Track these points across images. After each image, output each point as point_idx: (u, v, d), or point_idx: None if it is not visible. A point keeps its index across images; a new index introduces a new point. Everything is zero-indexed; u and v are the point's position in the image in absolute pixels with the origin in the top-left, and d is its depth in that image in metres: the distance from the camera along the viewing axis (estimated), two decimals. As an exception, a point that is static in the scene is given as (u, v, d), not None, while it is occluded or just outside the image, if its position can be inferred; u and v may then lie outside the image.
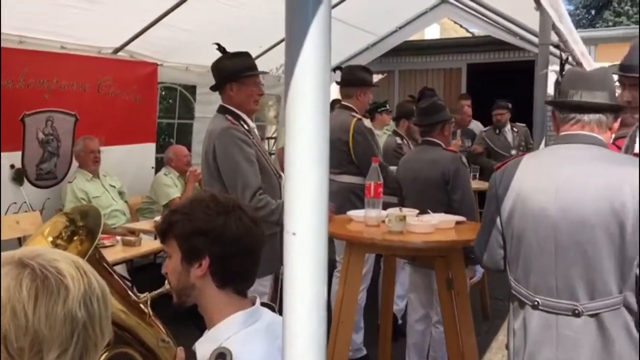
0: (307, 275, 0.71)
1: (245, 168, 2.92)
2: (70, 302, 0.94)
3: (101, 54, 4.98)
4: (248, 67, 3.06)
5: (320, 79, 0.69)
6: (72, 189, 4.54)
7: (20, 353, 0.91)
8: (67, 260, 0.99)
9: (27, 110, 4.47)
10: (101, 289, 1.01)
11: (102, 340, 1.00)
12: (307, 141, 0.70)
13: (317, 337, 0.71)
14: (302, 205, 0.71)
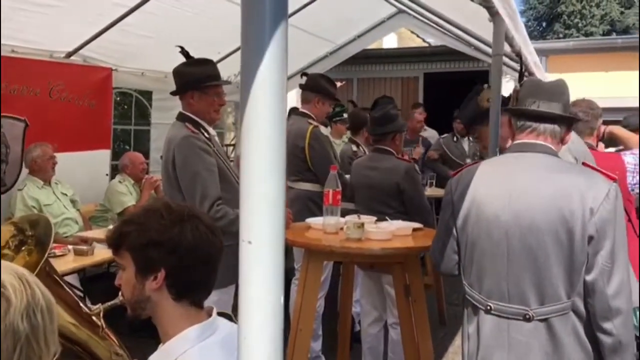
0: (263, 284, 0.70)
1: (204, 178, 2.87)
2: (12, 315, 0.91)
3: (53, 57, 4.85)
4: (211, 76, 3.02)
5: (276, 87, 0.69)
6: (22, 196, 4.39)
7: None
8: (9, 271, 0.95)
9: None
10: (46, 300, 0.98)
11: (47, 354, 0.97)
12: (262, 150, 0.69)
13: (274, 346, 0.71)
14: (258, 213, 0.70)
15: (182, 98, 3.08)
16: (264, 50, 0.68)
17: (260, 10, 0.68)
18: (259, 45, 0.68)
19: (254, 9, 0.68)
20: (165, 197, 3.16)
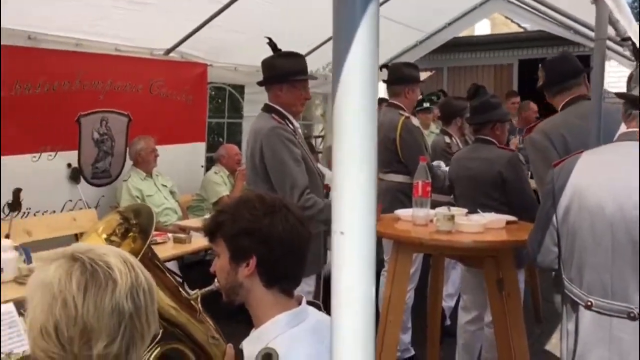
0: (355, 274, 0.70)
1: (292, 168, 2.93)
2: (118, 295, 0.98)
3: (153, 55, 5.11)
4: (300, 71, 3.07)
5: (367, 77, 0.69)
6: (128, 187, 4.66)
7: (70, 342, 0.95)
8: (116, 254, 1.03)
9: (82, 111, 4.62)
10: (148, 282, 1.04)
11: (149, 332, 1.03)
12: (354, 140, 0.69)
13: (365, 336, 0.71)
14: (350, 204, 0.70)
15: (269, 89, 3.14)
16: (356, 39, 0.68)
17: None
18: (351, 35, 0.68)
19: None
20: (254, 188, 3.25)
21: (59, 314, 0.95)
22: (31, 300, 0.98)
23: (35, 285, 0.99)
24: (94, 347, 0.96)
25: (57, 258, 1.01)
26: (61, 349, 0.96)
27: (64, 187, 4.57)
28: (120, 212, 1.45)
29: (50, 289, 0.96)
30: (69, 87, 4.44)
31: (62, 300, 0.96)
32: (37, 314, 0.97)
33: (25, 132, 4.20)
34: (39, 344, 0.96)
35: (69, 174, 4.60)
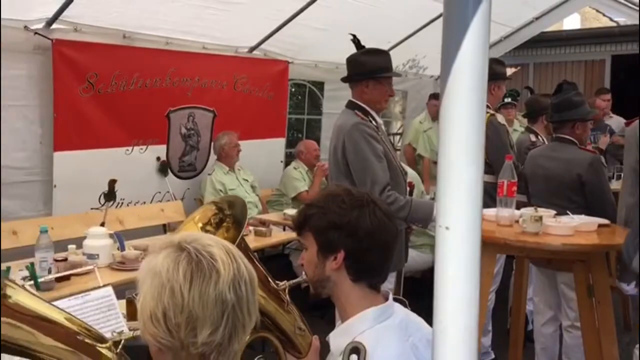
0: (460, 269, 0.70)
1: (374, 164, 2.93)
2: (221, 285, 1.02)
3: (238, 53, 5.25)
4: (386, 68, 3.06)
5: (477, 72, 0.68)
6: (212, 180, 4.82)
7: (177, 329, 1.00)
8: (220, 246, 1.06)
9: (171, 107, 4.82)
10: (249, 274, 1.07)
11: (250, 322, 1.07)
12: (463, 135, 0.69)
13: (469, 331, 0.71)
14: (457, 198, 0.70)
15: (354, 86, 3.15)
16: (467, 36, 0.67)
17: None
18: (462, 32, 0.68)
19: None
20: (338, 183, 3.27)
21: (167, 302, 1.00)
22: (142, 286, 1.04)
23: (146, 272, 1.04)
24: (198, 334, 1.00)
25: (166, 247, 1.05)
26: (169, 335, 1.00)
27: (153, 179, 4.79)
28: (216, 202, 1.50)
29: (160, 277, 1.01)
30: (160, 84, 4.65)
31: (170, 289, 1.00)
32: (147, 300, 1.02)
33: (120, 126, 4.44)
34: (149, 328, 1.02)
35: (158, 167, 4.82)
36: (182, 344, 1.01)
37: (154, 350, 1.04)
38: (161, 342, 1.01)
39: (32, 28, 3.83)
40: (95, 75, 4.20)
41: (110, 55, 4.28)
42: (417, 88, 7.32)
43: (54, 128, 4.03)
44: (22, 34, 3.81)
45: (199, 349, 1.01)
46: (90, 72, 4.16)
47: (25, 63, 3.90)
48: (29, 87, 3.95)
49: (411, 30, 5.98)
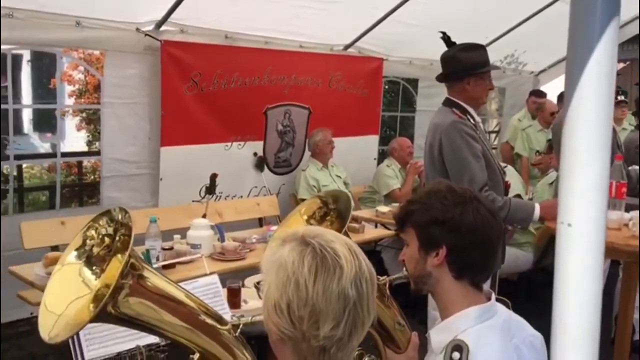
0: (582, 266, 0.70)
1: (472, 163, 2.88)
2: (344, 281, 1.04)
3: (333, 51, 5.32)
4: (485, 62, 3.01)
5: (606, 69, 0.67)
6: (305, 176, 4.93)
7: (300, 321, 1.03)
8: (342, 242, 1.09)
9: (269, 104, 4.97)
10: (369, 271, 1.09)
11: (368, 320, 1.09)
12: (589, 132, 0.68)
13: (590, 329, 0.70)
14: (580, 196, 0.69)
15: (452, 84, 3.09)
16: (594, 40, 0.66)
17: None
18: (591, 28, 0.67)
19: None
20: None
21: (291, 294, 1.03)
22: (266, 276, 1.09)
23: (271, 263, 1.08)
24: (320, 328, 1.03)
25: (290, 240, 1.09)
26: (291, 326, 1.04)
27: (250, 174, 4.97)
28: (320, 196, 1.55)
29: (285, 269, 1.05)
30: (258, 82, 4.80)
31: (295, 282, 1.03)
32: (271, 290, 1.06)
33: (221, 123, 4.64)
34: (273, 318, 1.06)
35: (255, 162, 4.98)
36: (303, 336, 1.04)
37: (275, 338, 1.08)
38: (283, 332, 1.05)
39: (143, 30, 4.08)
40: (199, 74, 4.41)
41: (212, 55, 4.48)
42: (515, 85, 7.09)
43: (161, 124, 4.28)
44: (134, 35, 4.07)
45: (320, 342, 1.04)
46: (194, 71, 4.37)
47: (137, 63, 4.17)
48: (140, 86, 4.22)
49: (511, 24, 5.80)
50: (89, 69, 4.65)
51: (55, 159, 4.45)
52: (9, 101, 4.01)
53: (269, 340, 1.12)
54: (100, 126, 4.26)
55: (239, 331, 1.30)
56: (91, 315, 1.16)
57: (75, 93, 5.80)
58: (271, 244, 1.21)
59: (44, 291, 1.20)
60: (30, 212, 4.77)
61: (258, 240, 3.72)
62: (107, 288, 1.17)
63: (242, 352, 1.30)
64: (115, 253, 1.24)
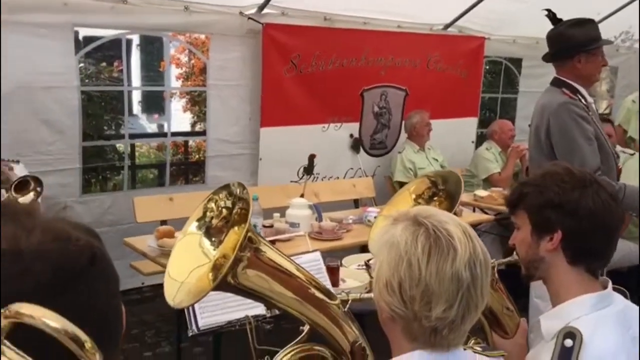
0: None
1: (583, 146, 2.74)
2: (458, 263, 1.03)
3: (432, 30, 5.20)
4: (597, 37, 2.84)
5: None
6: (402, 158, 4.88)
7: (411, 300, 1.04)
8: (456, 224, 1.08)
9: (365, 86, 4.96)
10: (483, 254, 1.08)
11: (481, 304, 1.07)
12: None
13: None
14: None
15: (561, 63, 2.94)
16: None
17: None
18: None
19: None
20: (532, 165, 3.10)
21: (403, 274, 1.04)
22: (378, 255, 1.10)
23: (383, 243, 1.10)
24: (433, 309, 1.03)
25: (402, 220, 1.10)
26: (403, 305, 1.05)
27: (346, 156, 5.00)
28: (429, 176, 1.54)
29: (397, 249, 1.06)
30: (356, 63, 4.80)
31: (407, 261, 1.04)
32: (383, 269, 1.08)
33: (319, 104, 4.69)
34: (384, 296, 1.07)
35: (351, 144, 5.01)
36: (415, 316, 1.04)
37: (385, 317, 1.10)
38: (394, 311, 1.06)
39: (246, 14, 4.19)
40: (298, 56, 4.47)
41: (311, 36, 4.53)
42: (629, 63, 6.62)
43: (261, 106, 4.39)
44: (238, 19, 4.19)
45: (431, 323, 1.04)
46: (293, 53, 4.44)
47: (240, 46, 4.30)
48: (242, 68, 4.36)
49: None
50: (196, 53, 4.83)
51: (165, 138, 4.69)
52: (123, 84, 4.28)
53: (379, 318, 1.13)
54: (206, 107, 4.45)
55: (347, 306, 1.32)
56: (212, 284, 1.22)
57: (182, 76, 6.07)
58: (379, 222, 1.22)
59: (169, 259, 1.27)
60: (141, 189, 5.07)
61: (355, 221, 3.74)
62: (225, 258, 1.23)
63: (350, 326, 1.32)
64: (232, 225, 1.29)
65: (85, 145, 3.94)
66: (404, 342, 1.09)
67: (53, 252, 0.70)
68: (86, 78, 4.52)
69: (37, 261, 0.68)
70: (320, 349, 1.28)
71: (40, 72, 3.58)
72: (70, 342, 0.60)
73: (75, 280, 0.70)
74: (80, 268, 0.71)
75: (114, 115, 4.77)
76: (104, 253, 0.76)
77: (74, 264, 0.71)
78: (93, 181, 4.79)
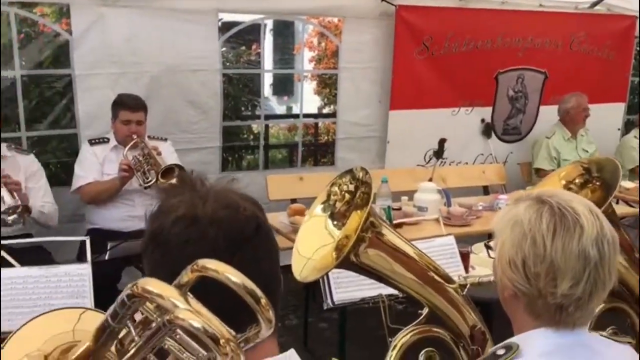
0: None
1: None
2: (584, 240, 1.02)
3: (577, 9, 4.87)
4: None
5: None
6: (547, 145, 4.58)
7: (536, 277, 1.04)
8: (582, 202, 1.07)
9: (500, 69, 4.77)
10: (612, 234, 1.06)
11: (609, 282, 1.06)
12: None
13: None
14: None
15: None
16: None
17: None
18: None
19: None
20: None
21: (527, 250, 1.05)
22: (500, 234, 1.11)
23: (506, 221, 1.11)
24: (558, 286, 1.03)
25: (524, 200, 1.11)
26: (526, 282, 1.06)
27: (476, 141, 4.86)
28: (582, 162, 1.50)
29: (521, 226, 1.06)
30: (491, 45, 4.63)
31: (532, 238, 1.05)
32: (506, 247, 1.09)
33: (449, 88, 4.60)
34: (507, 273, 1.08)
35: (482, 129, 4.86)
36: (539, 293, 1.05)
37: (507, 294, 1.11)
38: (518, 288, 1.07)
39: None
40: (430, 38, 4.41)
41: (445, 18, 4.44)
42: None
43: (391, 88, 4.40)
44: (371, 1, 4.22)
45: (557, 300, 1.04)
46: (426, 35, 4.39)
47: (372, 28, 4.33)
48: (374, 51, 4.38)
49: None
50: (329, 36, 4.94)
51: (297, 119, 4.86)
52: (260, 66, 4.49)
53: (501, 298, 1.14)
54: (336, 90, 4.54)
55: (465, 290, 1.33)
56: (335, 261, 1.28)
57: (314, 59, 6.22)
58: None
59: (296, 238, 1.36)
60: (273, 168, 5.30)
61: (485, 208, 3.65)
62: (348, 239, 1.29)
63: (469, 311, 1.33)
64: (355, 208, 1.34)
65: (225, 125, 4.20)
66: (527, 320, 1.09)
67: (224, 220, 0.79)
68: (227, 61, 4.79)
69: (212, 227, 0.78)
70: (439, 331, 1.30)
71: (187, 55, 3.86)
72: (248, 296, 0.66)
73: (242, 245, 0.79)
74: (247, 235, 0.80)
75: (250, 97, 5.01)
76: (266, 223, 0.85)
77: (242, 231, 0.80)
78: (230, 159, 5.08)
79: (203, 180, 0.85)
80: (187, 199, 0.80)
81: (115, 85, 3.65)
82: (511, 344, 1.05)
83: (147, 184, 3.21)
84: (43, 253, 3.03)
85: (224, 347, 0.61)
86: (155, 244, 0.80)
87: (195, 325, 0.61)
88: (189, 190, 0.82)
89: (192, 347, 0.65)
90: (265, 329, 0.68)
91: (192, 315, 0.62)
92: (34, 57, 3.78)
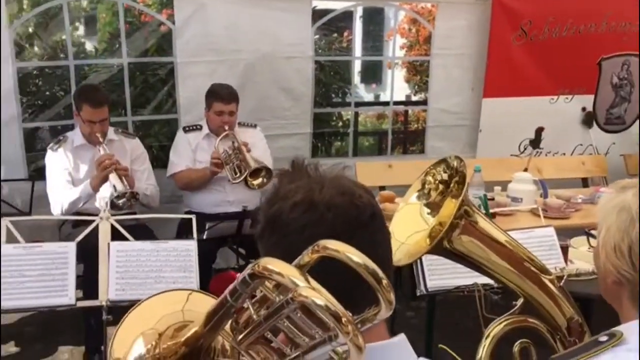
0: None
1: None
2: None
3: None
4: None
5: None
6: None
7: None
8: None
9: (604, 54, 4.52)
10: None
11: None
12: None
13: None
14: None
15: None
16: None
17: None
18: None
19: None
20: None
21: (635, 236, 1.02)
22: (605, 220, 1.08)
23: (611, 208, 1.08)
24: None
25: (631, 187, 1.07)
26: (632, 268, 1.03)
27: (576, 130, 4.64)
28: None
29: (628, 212, 1.04)
30: (595, 29, 4.39)
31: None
32: (611, 233, 1.06)
33: (548, 74, 4.41)
34: (612, 259, 1.06)
35: (583, 118, 4.63)
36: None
37: (611, 282, 1.08)
38: (622, 275, 1.04)
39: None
40: (529, 23, 4.24)
41: (546, 1, 4.25)
42: None
43: (485, 75, 4.28)
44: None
45: None
46: (524, 19, 4.23)
47: (467, 14, 4.23)
48: (468, 36, 4.28)
49: None
50: (422, 22, 4.87)
51: (387, 107, 4.85)
52: (351, 54, 4.51)
53: (602, 287, 1.11)
54: (428, 77, 4.48)
55: (562, 282, 1.29)
56: (428, 247, 1.29)
57: (405, 45, 6.15)
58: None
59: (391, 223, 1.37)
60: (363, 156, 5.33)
61: (584, 201, 3.48)
62: (441, 226, 1.29)
63: (566, 303, 1.29)
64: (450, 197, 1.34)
65: (315, 111, 4.26)
66: (632, 309, 1.06)
67: (341, 206, 0.81)
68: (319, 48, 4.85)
69: (329, 212, 0.80)
70: (534, 322, 1.28)
71: (281, 43, 3.94)
72: (370, 276, 0.65)
73: (358, 230, 0.81)
74: (363, 221, 0.82)
75: (341, 84, 5.05)
76: (380, 210, 0.87)
77: (358, 217, 0.82)
78: (319, 145, 5.15)
79: (317, 166, 0.87)
80: (304, 184, 0.83)
81: (213, 73, 3.80)
82: (615, 332, 1.02)
83: (234, 181, 3.34)
84: (147, 230, 3.23)
85: (346, 325, 0.61)
86: (273, 227, 0.83)
87: (318, 303, 0.60)
88: (305, 175, 0.85)
89: (308, 327, 0.65)
90: (385, 310, 0.67)
91: (314, 292, 0.61)
92: (140, 45, 4.01)
